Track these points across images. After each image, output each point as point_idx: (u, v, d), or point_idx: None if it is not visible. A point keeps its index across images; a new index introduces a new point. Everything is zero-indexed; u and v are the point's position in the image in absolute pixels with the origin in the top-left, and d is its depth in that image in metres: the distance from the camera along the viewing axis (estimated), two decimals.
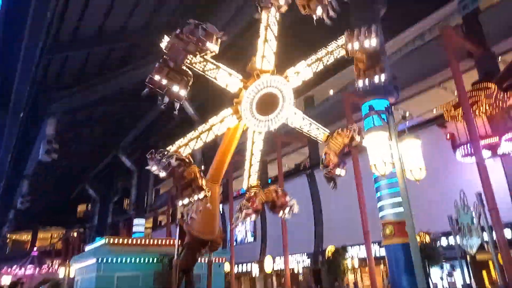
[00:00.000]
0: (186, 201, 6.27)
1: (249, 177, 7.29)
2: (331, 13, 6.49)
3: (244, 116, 6.67)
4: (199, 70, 6.29)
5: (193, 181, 6.30)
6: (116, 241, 12.01)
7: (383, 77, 6.65)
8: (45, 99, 20.48)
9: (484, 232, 8.02)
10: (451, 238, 11.65)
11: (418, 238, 11.05)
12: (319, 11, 6.48)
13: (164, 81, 5.74)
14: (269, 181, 25.56)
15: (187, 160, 6.31)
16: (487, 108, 12.49)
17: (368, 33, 6.62)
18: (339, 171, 7.32)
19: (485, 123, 12.66)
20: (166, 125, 32.33)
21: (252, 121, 6.76)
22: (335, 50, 6.88)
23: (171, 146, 6.38)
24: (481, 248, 8.16)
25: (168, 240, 12.63)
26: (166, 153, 6.11)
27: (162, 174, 6.15)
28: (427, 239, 12.14)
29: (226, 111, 6.79)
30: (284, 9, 6.74)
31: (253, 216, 7.06)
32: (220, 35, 5.99)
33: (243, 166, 7.50)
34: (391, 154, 5.62)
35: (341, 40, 6.82)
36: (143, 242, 12.63)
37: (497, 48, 14.86)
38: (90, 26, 17.97)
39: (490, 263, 12.91)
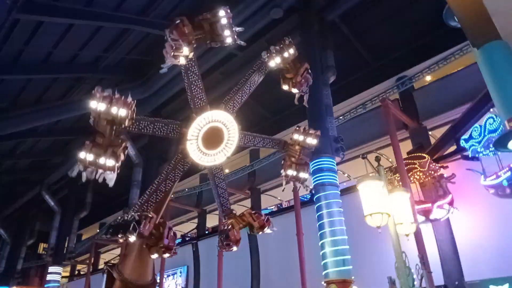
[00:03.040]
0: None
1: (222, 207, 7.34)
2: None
3: (193, 157, 6.75)
4: (134, 131, 6.32)
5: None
6: None
7: (310, 80, 7.54)
8: None
9: None
10: None
11: None
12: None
13: (90, 157, 5.50)
14: (206, 232, 24.70)
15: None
16: (421, 175, 13.54)
17: (284, 45, 7.40)
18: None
19: (419, 190, 13.65)
20: None
21: (202, 158, 6.84)
22: (260, 67, 7.46)
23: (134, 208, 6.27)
24: None
25: None
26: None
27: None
28: None
29: (175, 158, 6.88)
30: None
31: (234, 248, 7.11)
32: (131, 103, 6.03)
33: (179, 214, 7.45)
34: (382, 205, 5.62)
35: (263, 57, 7.49)
36: None
37: (428, 123, 16.54)
38: (37, 52, 17.07)
39: None
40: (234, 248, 7.06)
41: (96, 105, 5.59)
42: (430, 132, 16.55)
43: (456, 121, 13.99)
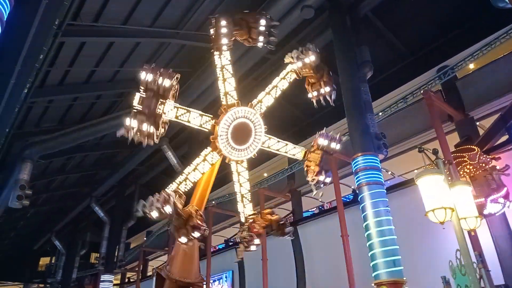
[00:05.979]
0: (184, 239, 6.55)
1: (244, 208, 7.69)
2: (273, 39, 7.72)
3: (223, 149, 7.30)
4: (172, 118, 7.01)
5: (189, 219, 6.56)
6: None
7: (332, 81, 7.96)
8: (22, 142, 19.70)
9: None
10: None
11: None
12: (260, 40, 7.66)
13: (134, 124, 6.49)
14: None
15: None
16: (471, 169, 12.86)
17: (305, 51, 7.82)
18: (322, 178, 7.96)
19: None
20: (144, 176, 31.57)
21: (232, 152, 7.41)
22: (286, 75, 7.99)
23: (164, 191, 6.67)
24: None
25: None
26: (167, 195, 6.43)
27: (156, 214, 6.35)
28: None
29: (206, 150, 7.42)
30: (231, 44, 7.73)
31: (257, 241, 7.49)
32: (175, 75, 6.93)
33: (221, 219, 7.84)
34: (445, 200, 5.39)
35: (290, 66, 8.01)
36: None
37: (474, 113, 15.72)
38: (80, 72, 17.95)
39: None
40: (257, 242, 7.49)
41: (145, 76, 6.54)
42: (477, 123, 15.73)
43: (506, 109, 13.22)
